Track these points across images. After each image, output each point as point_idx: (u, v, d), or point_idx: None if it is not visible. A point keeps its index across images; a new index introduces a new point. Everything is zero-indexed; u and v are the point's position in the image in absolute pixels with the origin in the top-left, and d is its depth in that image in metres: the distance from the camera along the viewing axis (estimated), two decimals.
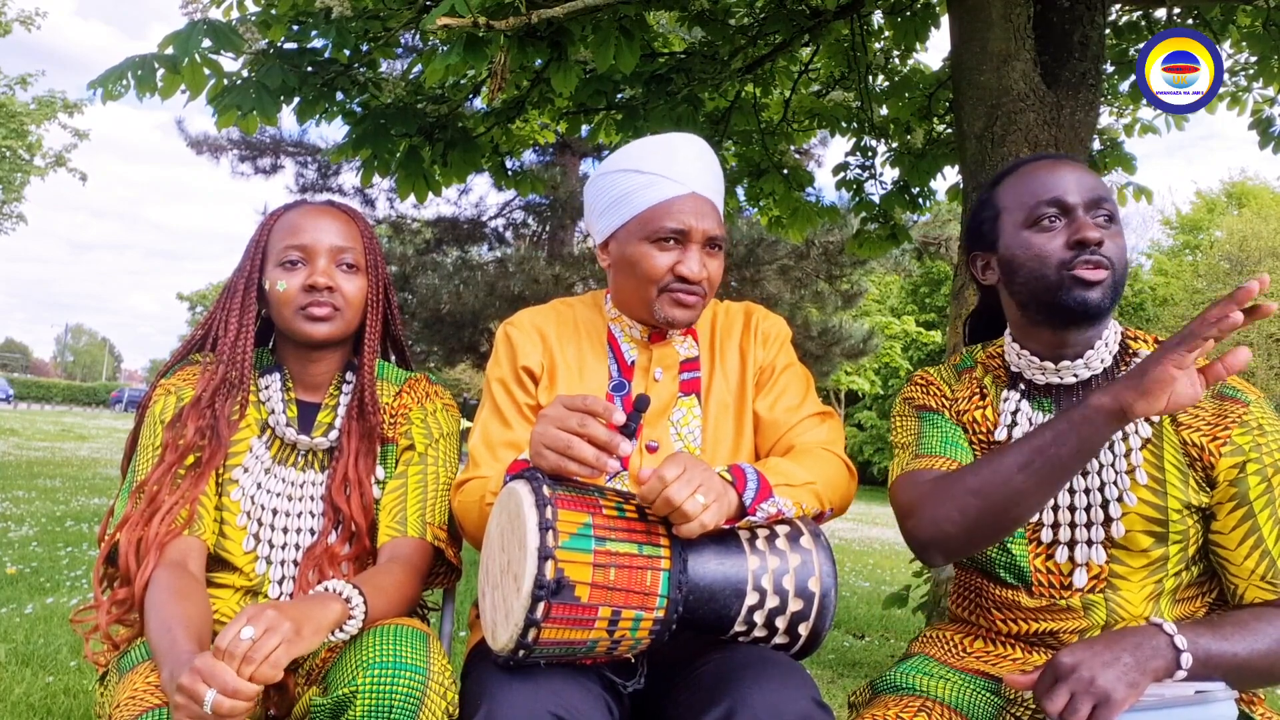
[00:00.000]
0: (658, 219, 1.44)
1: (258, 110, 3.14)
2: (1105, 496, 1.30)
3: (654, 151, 1.47)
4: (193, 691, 1.06)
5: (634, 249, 1.46)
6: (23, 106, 15.84)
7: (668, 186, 1.44)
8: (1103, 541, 1.29)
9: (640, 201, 1.45)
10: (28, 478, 9.21)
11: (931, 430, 1.41)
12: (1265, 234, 23.36)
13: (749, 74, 4.59)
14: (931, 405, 1.44)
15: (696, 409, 1.51)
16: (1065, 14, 3.16)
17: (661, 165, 1.45)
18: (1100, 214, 1.30)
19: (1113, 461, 1.29)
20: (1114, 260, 1.28)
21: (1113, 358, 1.33)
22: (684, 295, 1.45)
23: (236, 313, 1.52)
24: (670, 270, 1.44)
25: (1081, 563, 1.30)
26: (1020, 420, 1.37)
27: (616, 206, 1.48)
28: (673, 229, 1.43)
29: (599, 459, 1.15)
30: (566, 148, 10.58)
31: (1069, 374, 1.34)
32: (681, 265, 1.44)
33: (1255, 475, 1.23)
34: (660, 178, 1.44)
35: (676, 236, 1.44)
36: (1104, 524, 1.29)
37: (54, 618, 3.65)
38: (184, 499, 1.42)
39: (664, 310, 1.46)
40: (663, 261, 1.44)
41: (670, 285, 1.45)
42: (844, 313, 12.20)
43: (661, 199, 1.44)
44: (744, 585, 1.23)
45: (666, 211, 1.44)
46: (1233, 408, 1.26)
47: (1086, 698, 1.09)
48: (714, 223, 1.47)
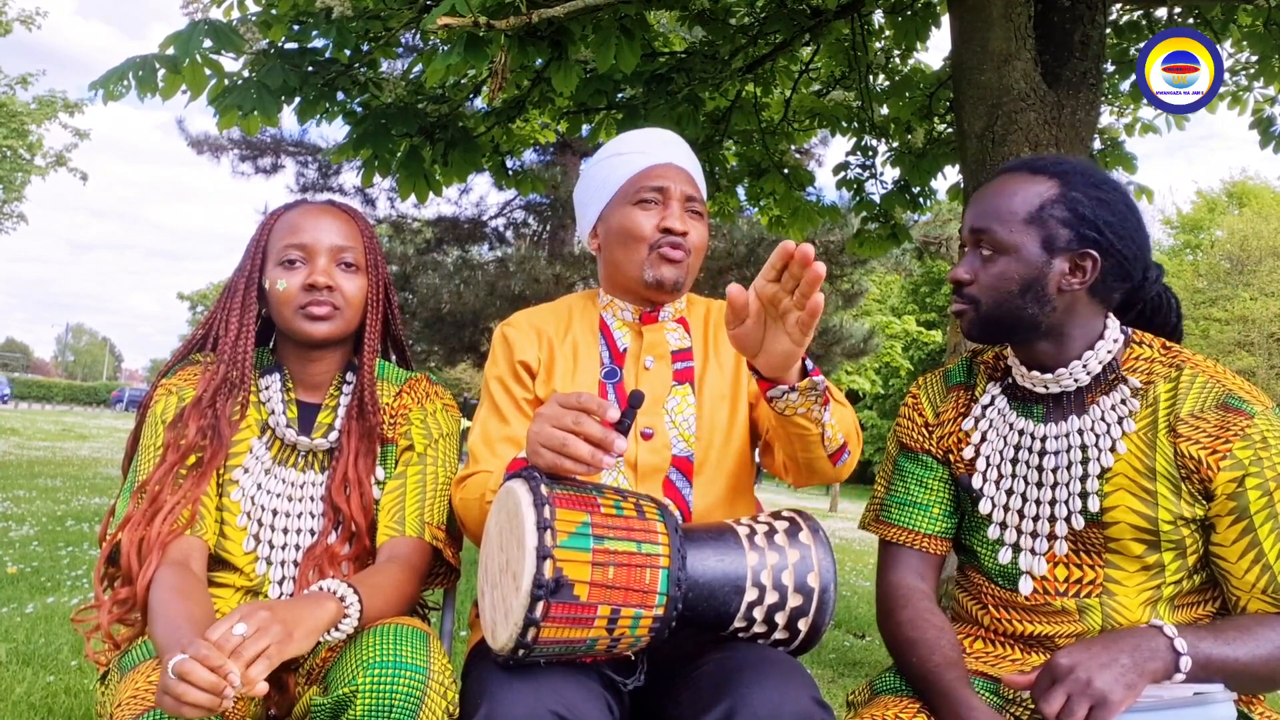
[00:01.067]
0: (638, 182, 1.54)
1: (259, 110, 3.14)
2: (1054, 513, 1.30)
3: (630, 136, 1.62)
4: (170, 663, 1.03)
5: (619, 217, 1.55)
6: (23, 106, 15.83)
7: (643, 158, 1.56)
8: (1046, 555, 1.31)
9: (621, 175, 1.56)
10: (28, 477, 9.22)
11: (900, 482, 1.46)
12: (1266, 233, 23.36)
13: (749, 73, 4.59)
14: (914, 445, 1.47)
15: (691, 398, 1.52)
16: (1066, 13, 3.16)
17: (637, 145, 1.59)
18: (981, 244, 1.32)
19: (1069, 482, 1.30)
20: (979, 297, 1.31)
21: (1091, 376, 1.31)
22: (670, 250, 1.52)
23: (237, 312, 1.52)
24: (656, 227, 1.52)
25: (1025, 569, 1.32)
26: (990, 414, 1.39)
27: (600, 188, 1.59)
28: (653, 186, 1.53)
29: (595, 456, 1.16)
30: (567, 147, 10.58)
31: (1040, 385, 1.34)
32: (665, 220, 1.52)
33: (1256, 489, 1.21)
34: (636, 153, 1.57)
35: (657, 195, 1.53)
36: (1049, 537, 1.31)
37: (55, 617, 3.66)
38: (186, 499, 1.42)
39: (654, 270, 1.52)
40: (648, 221, 1.52)
41: (658, 242, 1.52)
42: (844, 312, 12.19)
43: (640, 168, 1.56)
44: (743, 581, 1.23)
45: (645, 175, 1.55)
46: (1236, 420, 1.23)
47: (1084, 699, 1.09)
48: (692, 187, 1.57)
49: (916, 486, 1.44)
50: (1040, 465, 1.33)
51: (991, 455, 1.38)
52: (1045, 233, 1.28)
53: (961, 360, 1.51)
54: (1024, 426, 1.35)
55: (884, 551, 1.46)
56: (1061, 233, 1.28)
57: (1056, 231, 1.28)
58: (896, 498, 1.45)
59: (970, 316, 1.33)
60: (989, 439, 1.38)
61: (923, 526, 1.43)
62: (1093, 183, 1.30)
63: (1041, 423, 1.34)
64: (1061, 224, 1.28)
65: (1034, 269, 1.28)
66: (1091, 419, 1.30)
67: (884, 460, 1.54)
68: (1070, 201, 1.28)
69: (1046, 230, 1.28)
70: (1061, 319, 1.30)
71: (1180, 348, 1.33)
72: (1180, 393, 1.26)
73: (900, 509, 1.44)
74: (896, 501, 1.45)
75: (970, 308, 1.33)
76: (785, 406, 1.23)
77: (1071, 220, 1.28)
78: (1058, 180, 1.30)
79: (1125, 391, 1.29)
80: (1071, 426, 1.31)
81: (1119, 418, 1.28)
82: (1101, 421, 1.29)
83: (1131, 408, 1.28)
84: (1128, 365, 1.32)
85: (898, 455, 1.49)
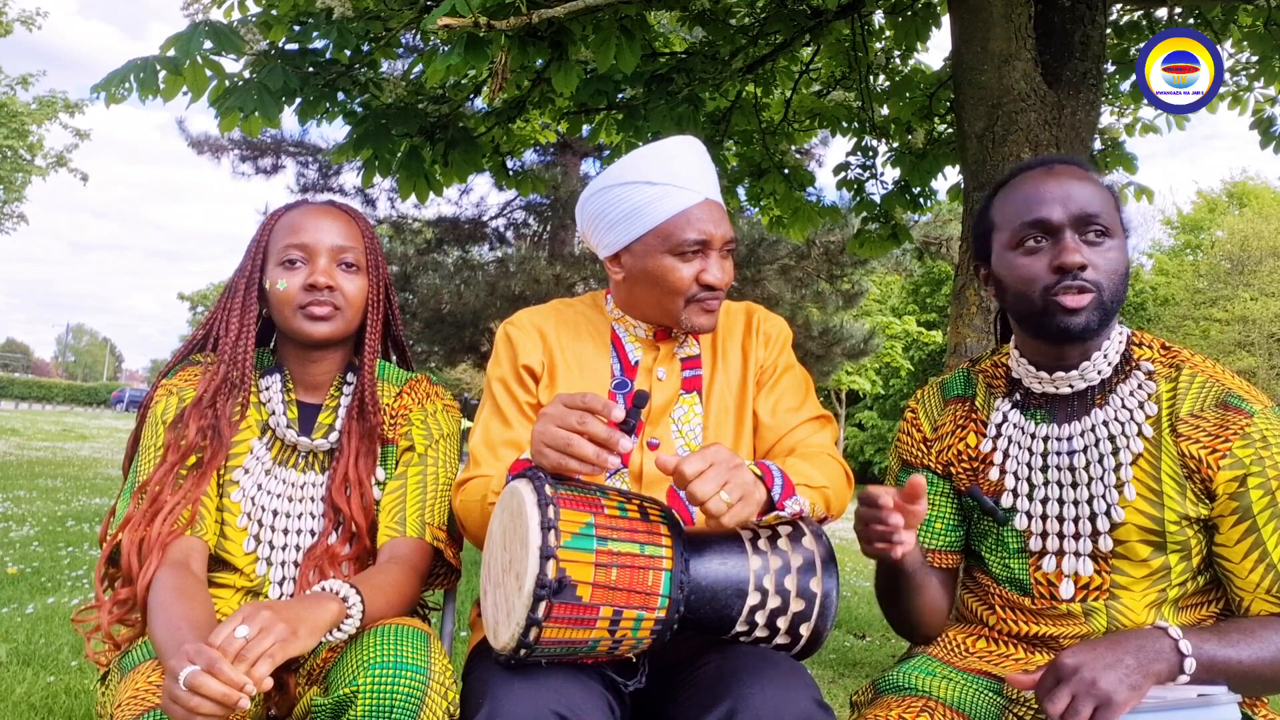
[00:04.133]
0: (680, 231, 1.44)
1: (260, 111, 3.14)
2: (1094, 509, 1.29)
3: (658, 161, 1.47)
4: (175, 670, 1.04)
5: (656, 262, 1.46)
6: (24, 106, 15.84)
7: (681, 196, 1.45)
8: (1090, 554, 1.30)
9: (657, 214, 1.45)
10: (29, 478, 9.22)
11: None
12: (1266, 234, 23.36)
13: (750, 74, 4.59)
14: (914, 460, 1.48)
15: (698, 406, 1.52)
16: (1066, 14, 3.16)
17: (669, 175, 1.45)
18: (1091, 230, 1.27)
19: (1102, 475, 1.29)
20: (1101, 282, 1.26)
21: (1111, 367, 1.32)
22: (710, 302, 1.47)
23: (237, 312, 1.52)
24: (695, 280, 1.45)
25: (1069, 574, 1.31)
26: (1007, 430, 1.38)
27: (630, 220, 1.47)
28: (695, 240, 1.44)
29: (599, 456, 1.16)
30: (567, 148, 10.58)
31: (1064, 385, 1.34)
32: (705, 274, 1.45)
33: (1258, 489, 1.21)
34: (672, 188, 1.45)
35: (699, 247, 1.45)
36: (1091, 536, 1.29)
37: (55, 617, 3.66)
38: (186, 499, 1.42)
39: (691, 319, 1.48)
40: (688, 273, 1.45)
41: (696, 295, 1.46)
42: (845, 312, 12.19)
43: (678, 210, 1.44)
44: (745, 585, 1.23)
45: (687, 222, 1.44)
46: (1235, 419, 1.23)
47: (1088, 699, 1.09)
48: (728, 227, 1.49)
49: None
50: (1072, 466, 1.32)
51: (1019, 470, 1.36)
52: (1123, 220, 1.33)
53: (959, 371, 1.50)
54: (1047, 433, 1.34)
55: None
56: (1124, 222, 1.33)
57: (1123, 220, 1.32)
58: None
59: (1095, 304, 1.27)
60: (1012, 455, 1.37)
61: (926, 542, 1.43)
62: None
63: (1063, 424, 1.33)
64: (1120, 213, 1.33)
65: (1126, 254, 1.32)
66: (1113, 408, 1.30)
67: (887, 476, 1.54)
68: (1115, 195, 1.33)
69: (1122, 218, 1.33)
70: None
71: (1179, 347, 1.33)
72: (1180, 392, 1.27)
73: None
74: None
75: (1095, 294, 1.27)
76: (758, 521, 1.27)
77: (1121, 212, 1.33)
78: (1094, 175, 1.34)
79: (1139, 377, 1.30)
80: (1095, 420, 1.31)
81: (1139, 402, 1.29)
82: (1124, 408, 1.29)
83: (1150, 390, 1.29)
84: (1129, 365, 1.33)
85: (899, 471, 1.50)
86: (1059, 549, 1.32)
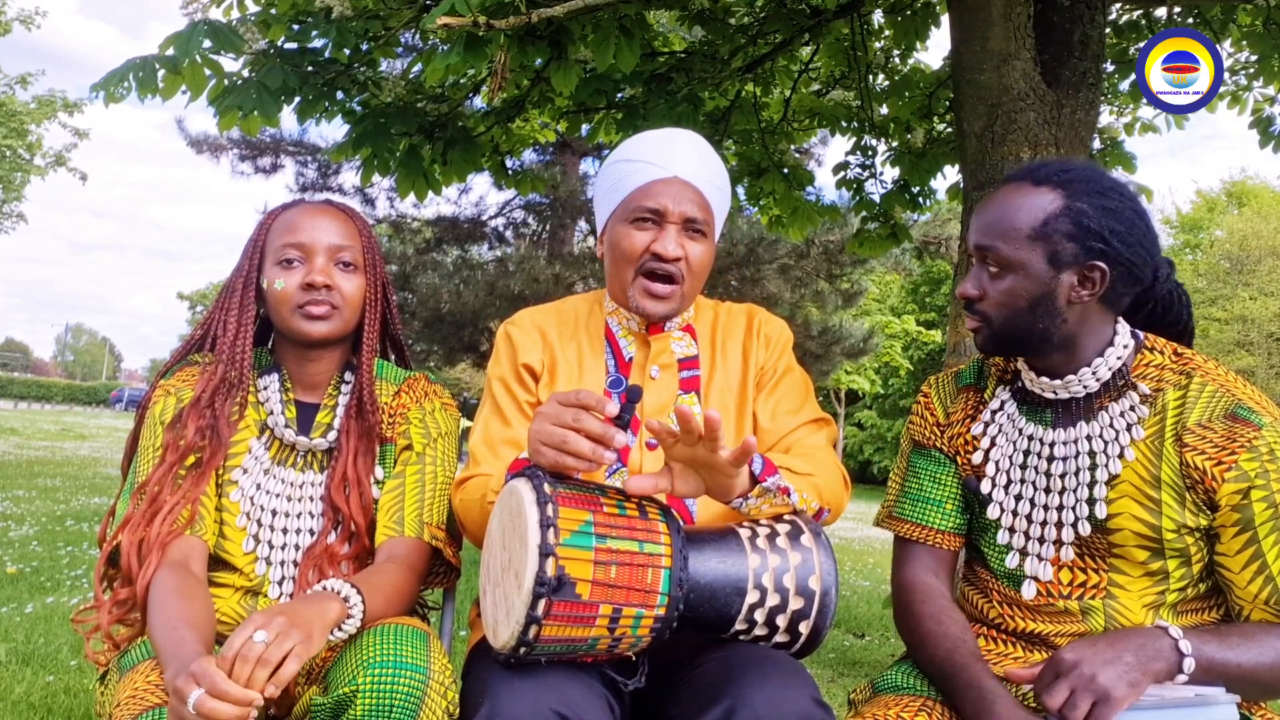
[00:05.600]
0: (636, 199, 1.49)
1: (259, 110, 3.14)
2: (1061, 519, 1.30)
3: (647, 140, 1.54)
4: (182, 692, 1.06)
5: (616, 231, 1.51)
6: (23, 106, 15.83)
7: (650, 170, 1.49)
8: (1052, 560, 1.30)
9: (625, 187, 1.51)
10: (28, 477, 9.21)
11: (914, 479, 1.47)
12: (1265, 233, 23.37)
13: (749, 73, 4.59)
14: (926, 441, 1.48)
15: (697, 407, 1.52)
16: (1065, 13, 3.15)
17: (644, 153, 1.51)
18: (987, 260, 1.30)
19: (1076, 488, 1.29)
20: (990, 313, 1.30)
21: (1100, 383, 1.30)
22: (657, 285, 1.47)
23: (235, 312, 1.52)
24: (647, 249, 1.47)
25: (1030, 574, 1.32)
26: (999, 419, 1.39)
27: (607, 195, 1.54)
28: (649, 208, 1.47)
29: (595, 451, 1.16)
30: (567, 147, 10.57)
31: (1049, 391, 1.34)
32: (656, 244, 1.46)
33: (1262, 502, 1.20)
34: (645, 163, 1.50)
35: (653, 216, 1.47)
36: (1055, 543, 1.30)
37: (54, 617, 3.66)
38: (185, 499, 1.42)
39: (637, 299, 1.49)
40: (639, 240, 1.48)
41: (646, 266, 1.47)
42: (844, 312, 12.19)
43: (643, 182, 1.49)
44: (745, 583, 1.23)
45: (645, 193, 1.48)
46: (1244, 431, 1.21)
47: (1086, 694, 1.10)
48: (694, 206, 1.49)
49: (930, 483, 1.44)
50: (1049, 471, 1.32)
51: (1001, 460, 1.37)
52: (1050, 248, 1.25)
53: (974, 361, 1.51)
54: (1033, 432, 1.35)
55: (898, 548, 1.47)
56: (1067, 247, 1.25)
57: (1062, 246, 1.25)
58: (910, 494, 1.46)
59: (985, 333, 1.32)
60: (998, 444, 1.38)
61: (935, 522, 1.43)
62: (1098, 190, 1.27)
63: (1050, 428, 1.33)
64: (1067, 238, 1.25)
65: (1042, 285, 1.26)
66: (1100, 425, 1.30)
67: (897, 458, 1.54)
68: (1075, 214, 1.25)
69: (1051, 246, 1.25)
70: (1074, 329, 1.28)
71: (1192, 354, 1.31)
72: (1189, 401, 1.25)
73: (914, 505, 1.45)
74: (910, 498, 1.46)
75: (983, 324, 1.32)
76: (750, 509, 1.28)
77: (1077, 233, 1.24)
78: (1061, 191, 1.26)
79: (1134, 398, 1.29)
80: (1080, 433, 1.31)
81: (1127, 424, 1.28)
82: (1110, 428, 1.29)
83: (1140, 414, 1.27)
84: (1138, 372, 1.31)
85: (911, 452, 1.50)
86: (1023, 548, 1.33)
